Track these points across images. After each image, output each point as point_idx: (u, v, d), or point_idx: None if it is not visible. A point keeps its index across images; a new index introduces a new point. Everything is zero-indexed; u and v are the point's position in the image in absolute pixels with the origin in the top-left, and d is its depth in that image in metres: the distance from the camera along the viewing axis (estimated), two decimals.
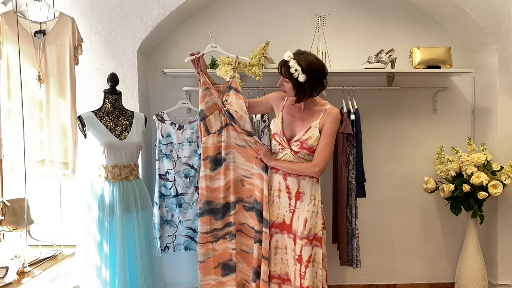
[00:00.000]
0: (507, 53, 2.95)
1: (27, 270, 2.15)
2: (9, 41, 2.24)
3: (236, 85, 2.42)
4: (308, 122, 2.22)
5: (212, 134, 2.37)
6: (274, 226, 2.31)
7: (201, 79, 2.37)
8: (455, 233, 3.23)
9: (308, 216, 2.21)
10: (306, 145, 2.19)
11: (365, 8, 3.14)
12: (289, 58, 2.11)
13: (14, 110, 2.26)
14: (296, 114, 2.28)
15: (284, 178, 2.27)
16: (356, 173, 2.83)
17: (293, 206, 2.25)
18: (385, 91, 3.16)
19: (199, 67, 2.37)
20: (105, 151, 2.26)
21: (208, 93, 2.37)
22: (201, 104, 2.36)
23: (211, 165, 2.38)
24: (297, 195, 2.25)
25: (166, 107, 2.93)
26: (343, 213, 2.82)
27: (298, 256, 2.21)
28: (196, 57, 2.36)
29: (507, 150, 2.98)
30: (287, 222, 2.27)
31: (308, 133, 2.19)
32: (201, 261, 2.41)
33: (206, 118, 2.36)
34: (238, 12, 3.11)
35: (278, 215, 2.30)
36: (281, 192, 2.28)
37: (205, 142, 2.38)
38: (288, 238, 2.27)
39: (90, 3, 2.80)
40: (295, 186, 2.25)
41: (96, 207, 2.25)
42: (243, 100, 2.40)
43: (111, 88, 2.39)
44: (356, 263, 2.83)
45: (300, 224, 2.22)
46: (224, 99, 2.40)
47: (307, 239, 2.20)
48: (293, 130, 2.26)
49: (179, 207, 2.83)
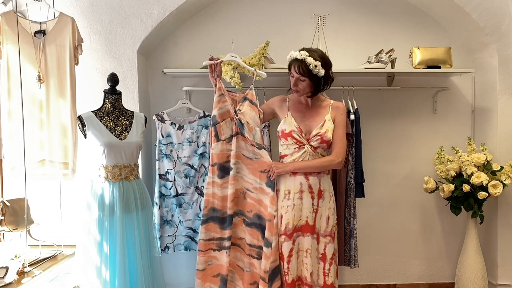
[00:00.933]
0: (507, 53, 2.95)
1: (27, 270, 2.15)
2: (9, 41, 2.24)
3: (252, 97, 2.41)
4: (320, 116, 2.28)
5: (221, 141, 2.35)
6: (296, 230, 2.26)
7: (217, 85, 2.35)
8: (455, 233, 3.22)
9: (330, 214, 2.28)
10: (326, 138, 2.23)
11: (365, 8, 3.14)
12: (305, 56, 2.15)
13: (14, 110, 2.26)
14: (305, 111, 2.31)
15: (306, 178, 2.26)
16: (355, 173, 2.83)
17: (316, 206, 2.26)
18: (385, 91, 3.16)
19: (215, 73, 2.36)
20: (105, 151, 2.26)
21: (222, 99, 2.34)
22: (215, 109, 2.33)
23: (218, 172, 2.34)
24: (319, 193, 2.27)
25: (166, 107, 2.93)
26: (341, 213, 2.81)
27: (322, 254, 2.25)
28: (215, 62, 2.35)
29: (507, 150, 2.98)
30: (310, 223, 2.25)
31: (324, 126, 2.25)
32: (201, 270, 2.35)
33: (217, 124, 2.33)
34: (238, 12, 3.10)
35: (301, 218, 2.27)
36: (304, 193, 2.25)
37: (214, 148, 2.35)
38: (311, 239, 2.25)
39: (90, 3, 2.80)
40: (317, 184, 2.26)
41: (96, 207, 2.25)
42: (257, 112, 2.38)
43: (111, 88, 2.39)
44: (354, 263, 2.83)
45: (323, 222, 2.26)
46: (237, 108, 2.38)
47: (330, 236, 2.26)
48: (308, 126, 2.28)
49: (179, 207, 2.83)
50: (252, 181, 2.34)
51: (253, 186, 2.34)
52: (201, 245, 2.36)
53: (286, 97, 2.39)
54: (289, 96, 2.39)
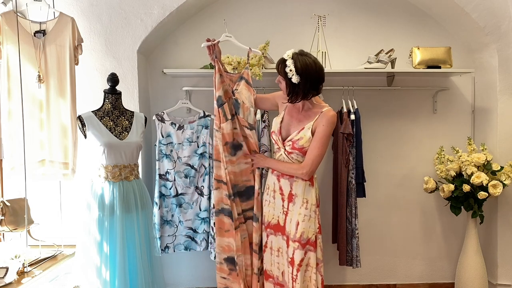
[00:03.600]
0: (507, 53, 2.95)
1: (27, 270, 2.15)
2: (9, 41, 2.24)
3: (247, 76, 2.44)
4: (303, 123, 2.21)
5: (229, 120, 2.35)
6: (270, 227, 2.32)
7: (216, 66, 2.34)
8: (455, 233, 3.23)
9: (300, 220, 2.18)
10: (297, 145, 2.18)
11: (365, 8, 3.14)
12: (288, 57, 2.09)
13: (14, 110, 2.26)
14: (294, 115, 2.28)
15: (277, 179, 2.28)
16: (356, 173, 2.83)
17: (286, 208, 2.25)
18: (385, 91, 3.16)
19: (214, 53, 2.35)
20: (105, 151, 2.26)
21: (222, 80, 2.34)
22: (219, 90, 2.33)
23: (231, 150, 2.36)
24: (290, 197, 2.24)
25: (166, 107, 2.93)
26: (342, 213, 2.82)
27: (290, 259, 2.20)
28: (212, 43, 2.34)
29: (507, 150, 2.98)
30: (281, 224, 2.27)
31: (300, 133, 2.18)
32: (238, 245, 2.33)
33: (224, 104, 2.33)
34: (238, 12, 3.11)
35: (273, 216, 2.31)
36: (275, 193, 2.29)
37: (224, 128, 2.33)
38: (282, 240, 2.27)
39: (90, 3, 2.80)
40: (288, 187, 2.24)
41: (96, 207, 2.25)
42: (252, 93, 2.42)
43: (111, 88, 2.39)
44: (356, 263, 2.83)
45: (293, 226, 2.20)
46: (234, 88, 2.41)
47: (299, 243, 2.17)
48: (289, 131, 2.26)
49: (179, 207, 2.83)
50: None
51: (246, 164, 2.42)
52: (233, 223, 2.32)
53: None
54: None
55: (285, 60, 2.10)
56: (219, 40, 2.39)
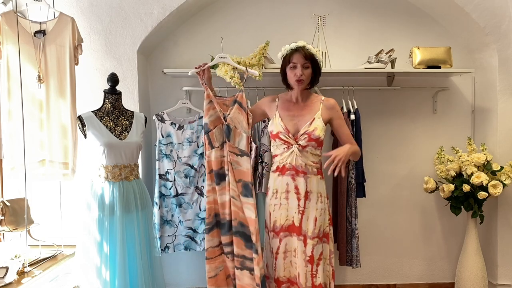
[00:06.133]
0: (507, 53, 2.95)
1: (27, 270, 2.15)
2: (9, 41, 2.24)
3: (241, 99, 2.34)
4: (310, 114, 2.25)
5: (215, 148, 2.31)
6: (283, 230, 2.27)
7: (205, 92, 2.32)
8: (455, 233, 3.23)
9: (317, 215, 2.24)
10: (314, 136, 2.20)
11: (365, 8, 3.14)
12: (305, 43, 2.23)
13: (14, 110, 2.26)
14: (293, 109, 2.28)
15: (293, 178, 2.25)
16: (356, 173, 2.83)
17: (302, 207, 2.24)
18: (385, 91, 3.16)
19: (203, 80, 2.34)
20: (105, 151, 2.26)
21: (211, 107, 2.31)
22: (205, 117, 2.31)
23: (216, 179, 2.32)
24: (306, 195, 2.24)
25: (166, 107, 2.93)
26: (342, 213, 2.82)
27: (309, 257, 2.21)
28: (201, 69, 2.32)
29: (507, 150, 2.98)
30: (296, 224, 2.25)
31: (313, 124, 2.22)
32: (213, 276, 2.33)
33: (210, 132, 2.30)
34: (238, 12, 3.10)
35: (287, 218, 2.27)
36: (290, 193, 2.26)
37: (209, 156, 2.31)
38: (298, 240, 2.24)
39: (90, 3, 2.80)
40: (303, 185, 2.24)
41: (96, 207, 2.25)
42: (245, 117, 2.33)
43: (111, 88, 2.39)
44: (355, 263, 2.83)
45: (310, 224, 2.23)
46: (228, 112, 2.33)
47: (318, 238, 2.22)
48: (296, 125, 2.26)
49: (179, 207, 2.83)
50: (236, 188, 2.30)
51: (236, 193, 2.29)
52: (210, 253, 2.33)
53: (276, 96, 2.38)
54: (280, 95, 2.38)
55: (304, 46, 2.21)
56: (209, 65, 2.36)
